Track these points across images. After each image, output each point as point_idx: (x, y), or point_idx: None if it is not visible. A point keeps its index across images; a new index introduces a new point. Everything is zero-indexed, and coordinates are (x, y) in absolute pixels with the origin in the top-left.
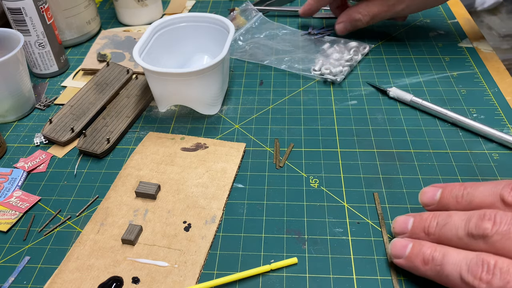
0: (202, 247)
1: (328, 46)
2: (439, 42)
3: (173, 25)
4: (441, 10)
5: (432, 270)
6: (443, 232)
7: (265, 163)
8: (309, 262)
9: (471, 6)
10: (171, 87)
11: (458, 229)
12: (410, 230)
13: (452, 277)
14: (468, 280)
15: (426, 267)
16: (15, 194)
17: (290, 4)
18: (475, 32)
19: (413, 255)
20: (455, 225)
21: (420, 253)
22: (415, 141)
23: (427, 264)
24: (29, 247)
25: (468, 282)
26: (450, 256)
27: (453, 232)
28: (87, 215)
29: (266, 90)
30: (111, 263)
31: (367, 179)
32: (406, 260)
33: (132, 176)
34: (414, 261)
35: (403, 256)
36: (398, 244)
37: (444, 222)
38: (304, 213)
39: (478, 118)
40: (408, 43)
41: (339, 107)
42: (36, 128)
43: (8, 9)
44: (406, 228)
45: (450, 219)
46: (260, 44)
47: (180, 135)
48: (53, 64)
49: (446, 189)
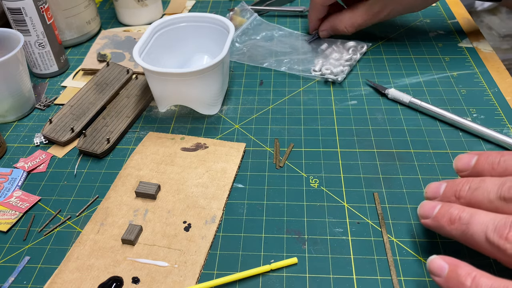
0: (202, 247)
1: (326, 47)
2: (439, 42)
3: (173, 25)
4: (441, 10)
5: (458, 229)
6: (474, 195)
7: (265, 163)
8: (309, 262)
9: (471, 6)
10: (171, 87)
11: (490, 192)
12: (441, 195)
13: (477, 236)
14: (493, 240)
15: (452, 226)
16: (15, 194)
17: (290, 4)
18: (475, 32)
19: (440, 215)
20: (487, 189)
21: (448, 213)
22: (415, 141)
23: (453, 223)
24: (29, 247)
25: (493, 242)
26: (478, 216)
27: (484, 196)
28: (87, 215)
29: (266, 90)
30: (111, 263)
31: (367, 179)
32: (433, 220)
33: (132, 176)
34: (440, 220)
35: (430, 216)
36: (427, 205)
37: (477, 186)
38: (304, 213)
39: (478, 118)
40: (408, 43)
41: (339, 107)
42: (36, 128)
43: (8, 9)
44: (438, 193)
45: (483, 183)
46: (258, 46)
47: (180, 135)
48: (53, 64)
49: (482, 156)
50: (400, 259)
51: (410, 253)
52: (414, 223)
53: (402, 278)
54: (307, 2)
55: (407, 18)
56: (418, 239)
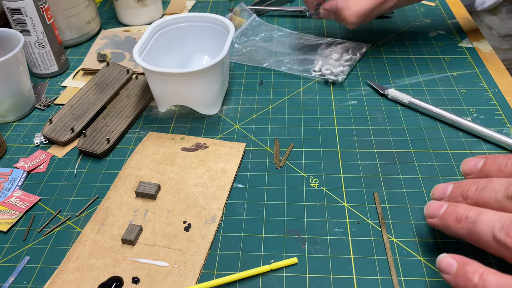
0: (202, 247)
1: (326, 47)
2: (439, 42)
3: (173, 25)
4: (441, 10)
5: (464, 228)
6: (481, 195)
7: (265, 163)
8: (309, 262)
9: (471, 6)
10: (171, 87)
11: (497, 192)
12: (448, 195)
13: (484, 235)
14: (500, 238)
15: (459, 225)
16: (15, 194)
17: (290, 4)
18: (475, 32)
19: (447, 214)
20: (495, 189)
21: (454, 212)
22: (415, 141)
23: (460, 222)
24: (29, 247)
25: (500, 240)
26: (484, 215)
27: (491, 195)
28: (87, 215)
29: (266, 90)
30: (111, 263)
31: (367, 179)
32: (440, 219)
33: (132, 176)
34: (447, 219)
35: (437, 215)
36: (433, 205)
37: (484, 186)
38: (304, 213)
39: (478, 118)
40: (408, 43)
41: (339, 107)
42: (36, 128)
43: (8, 9)
44: (445, 194)
45: (490, 183)
46: (257, 47)
47: (180, 135)
48: (53, 64)
49: (489, 159)
50: (400, 259)
51: (410, 253)
52: (414, 223)
53: (402, 278)
54: None
55: (407, 18)
56: (418, 239)
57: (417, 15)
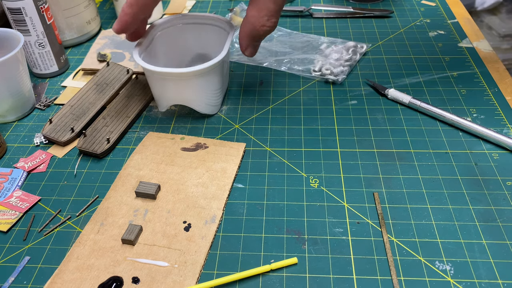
0: (202, 247)
1: (326, 47)
2: (439, 42)
3: (173, 25)
4: (441, 10)
5: None
6: None
7: (265, 163)
8: (309, 262)
9: (471, 6)
10: (171, 87)
11: None
12: None
13: None
14: None
15: None
16: (15, 194)
17: (290, 4)
18: (475, 32)
19: None
20: None
21: None
22: (415, 141)
23: None
24: (29, 247)
25: None
26: None
27: None
28: (87, 215)
29: (266, 90)
30: (111, 263)
31: (367, 179)
32: None
33: (132, 176)
34: None
35: None
36: None
37: None
38: (304, 213)
39: (478, 118)
40: (408, 43)
41: (339, 107)
42: (36, 128)
43: (8, 9)
44: None
45: None
46: None
47: (180, 135)
48: (53, 64)
49: None
50: (400, 259)
51: (410, 253)
52: (414, 223)
53: (402, 278)
54: (307, 2)
55: (407, 18)
56: (418, 239)
57: (417, 15)
